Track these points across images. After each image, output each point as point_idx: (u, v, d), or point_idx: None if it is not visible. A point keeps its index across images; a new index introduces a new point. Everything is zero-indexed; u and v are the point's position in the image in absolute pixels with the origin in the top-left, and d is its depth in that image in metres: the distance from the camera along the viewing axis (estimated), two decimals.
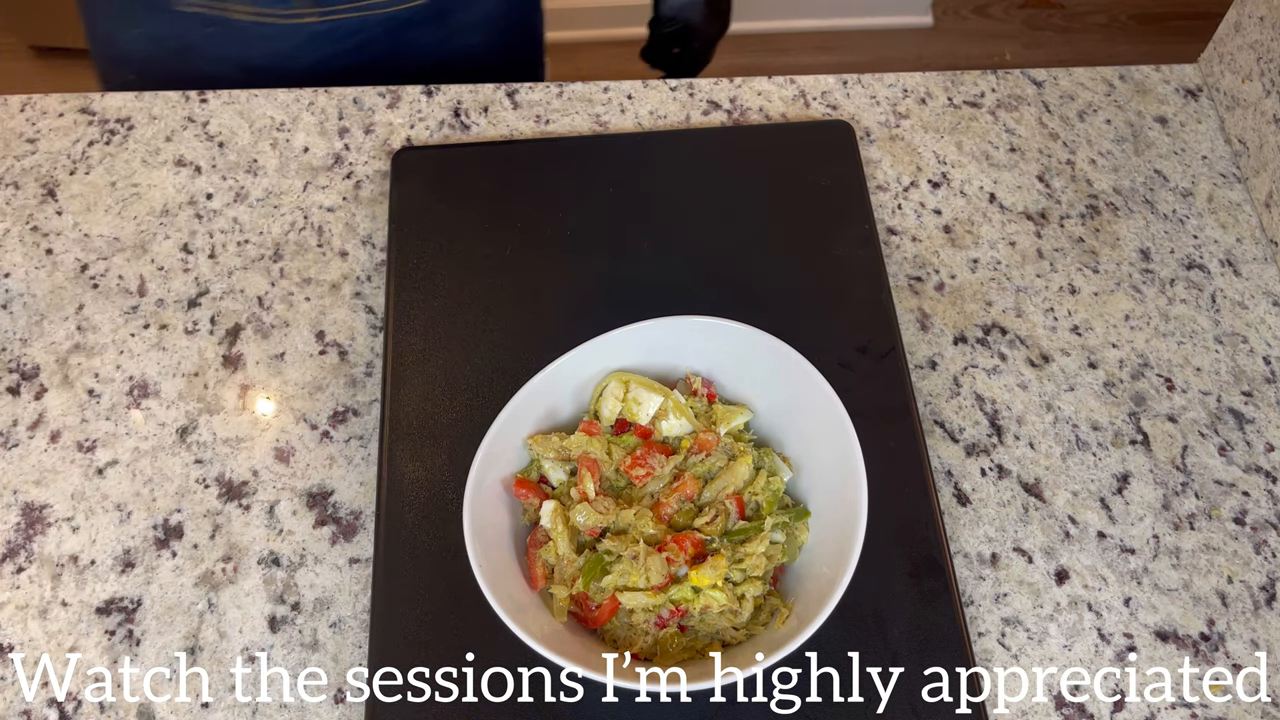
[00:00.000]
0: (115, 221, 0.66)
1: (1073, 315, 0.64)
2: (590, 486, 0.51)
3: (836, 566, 0.47)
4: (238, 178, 0.68)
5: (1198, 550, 0.56)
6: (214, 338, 0.62)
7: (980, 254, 0.66)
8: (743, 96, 0.72)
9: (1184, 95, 0.73)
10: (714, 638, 0.50)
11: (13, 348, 0.61)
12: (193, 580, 0.54)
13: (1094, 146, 0.70)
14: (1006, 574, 0.55)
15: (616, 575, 0.48)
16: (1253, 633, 0.54)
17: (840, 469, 0.50)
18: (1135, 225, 0.67)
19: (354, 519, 0.56)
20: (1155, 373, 0.62)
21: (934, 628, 0.52)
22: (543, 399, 0.53)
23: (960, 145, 0.70)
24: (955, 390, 0.61)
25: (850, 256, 0.64)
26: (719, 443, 0.52)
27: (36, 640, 0.53)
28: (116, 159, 0.69)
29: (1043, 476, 0.58)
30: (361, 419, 0.59)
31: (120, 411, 0.59)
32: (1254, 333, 0.63)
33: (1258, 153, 0.68)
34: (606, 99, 0.72)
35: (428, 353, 0.59)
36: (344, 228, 0.66)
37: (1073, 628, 0.54)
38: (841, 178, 0.67)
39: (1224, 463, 0.59)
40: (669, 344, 0.54)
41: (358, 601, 0.54)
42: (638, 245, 0.64)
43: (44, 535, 0.56)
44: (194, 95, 0.72)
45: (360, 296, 0.63)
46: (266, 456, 0.58)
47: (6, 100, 0.71)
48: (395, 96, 0.72)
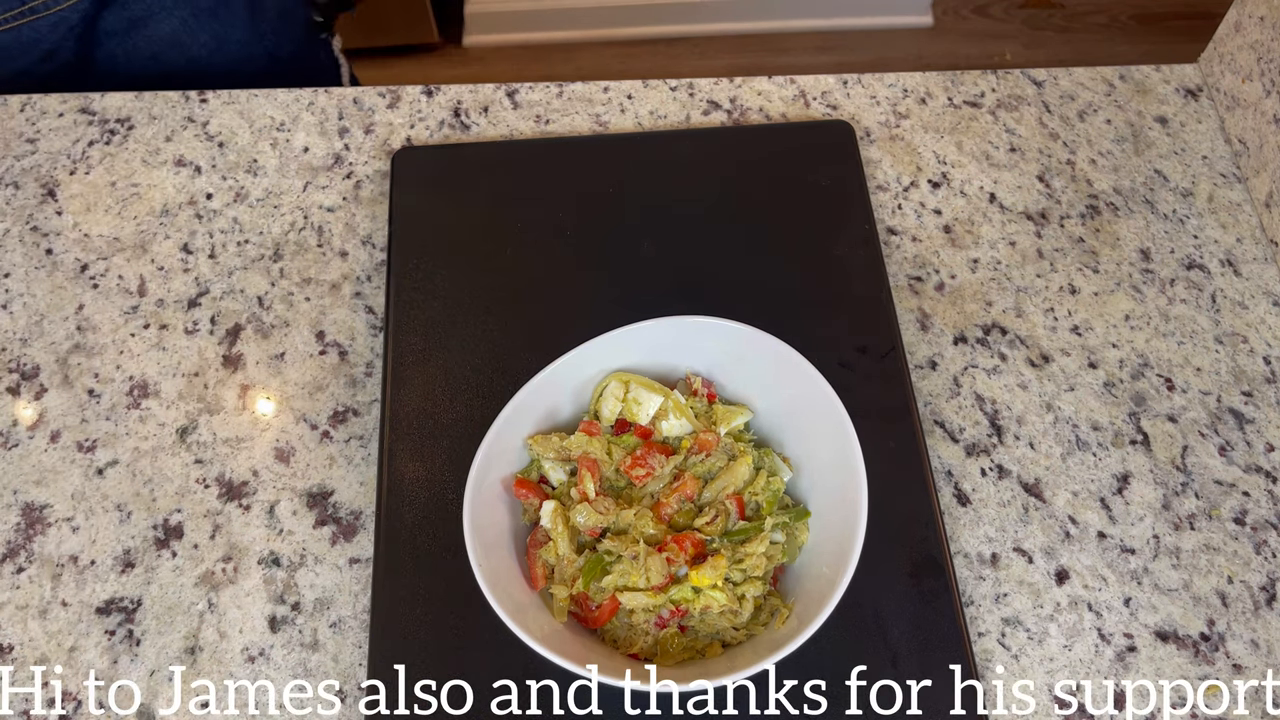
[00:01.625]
0: (115, 221, 0.66)
1: (1073, 315, 0.64)
2: (590, 486, 0.51)
3: (836, 566, 0.47)
4: (238, 178, 0.68)
5: (1198, 550, 0.56)
6: (214, 338, 0.62)
7: (980, 254, 0.66)
8: (743, 96, 0.72)
9: (1184, 95, 0.73)
10: (714, 638, 0.50)
11: (13, 348, 0.61)
12: (193, 580, 0.54)
13: (1094, 146, 0.70)
14: (1006, 574, 0.55)
15: (616, 575, 0.48)
16: (1253, 633, 0.54)
17: (840, 469, 0.50)
18: (1135, 225, 0.67)
19: (354, 519, 0.56)
20: (1155, 373, 0.62)
21: (934, 628, 0.52)
22: (543, 399, 0.53)
23: (960, 145, 0.70)
24: (955, 390, 0.61)
25: (850, 256, 0.64)
26: (719, 443, 0.52)
27: (36, 640, 0.53)
28: (116, 159, 0.69)
29: (1043, 476, 0.58)
30: (361, 419, 0.59)
31: (120, 411, 0.59)
32: (1254, 333, 0.63)
33: (1258, 153, 0.68)
34: (606, 99, 0.72)
35: (428, 353, 0.59)
36: (344, 228, 0.66)
37: (1073, 628, 0.54)
38: (841, 178, 0.67)
39: (1224, 463, 0.59)
40: (669, 344, 0.54)
41: (358, 601, 0.54)
42: (638, 245, 0.64)
43: (44, 535, 0.56)
44: (194, 95, 0.72)
45: (360, 296, 0.63)
46: (266, 456, 0.58)
47: (6, 100, 0.71)
48: (395, 96, 0.72)
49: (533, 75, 1.85)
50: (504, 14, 1.87)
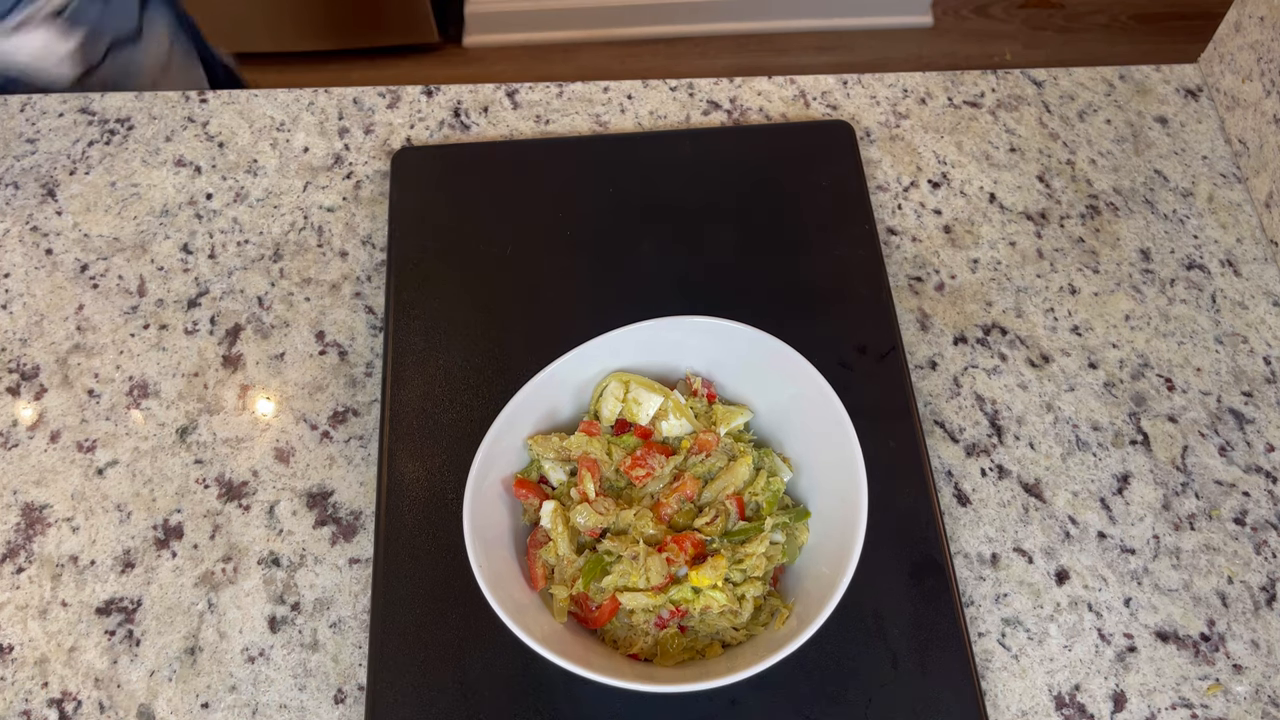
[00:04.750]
0: (115, 221, 0.66)
1: (1073, 315, 0.64)
2: (590, 487, 0.51)
3: (836, 566, 0.47)
4: (238, 178, 0.68)
5: (1198, 550, 0.56)
6: (214, 338, 0.62)
7: (980, 254, 0.66)
8: (743, 96, 0.72)
9: (1184, 95, 0.73)
10: (714, 638, 0.50)
11: (13, 348, 0.61)
12: (193, 580, 0.54)
13: (1094, 146, 0.70)
14: (1007, 574, 0.55)
15: (616, 575, 0.48)
16: (1253, 633, 0.54)
17: (840, 469, 0.50)
18: (1135, 225, 0.67)
19: (354, 519, 0.56)
20: (1155, 373, 0.62)
21: (934, 628, 0.52)
22: (543, 399, 0.53)
23: (960, 145, 0.70)
24: (955, 390, 0.61)
25: (850, 256, 0.64)
26: (719, 443, 0.52)
27: (36, 640, 0.53)
28: (116, 159, 0.69)
29: (1043, 477, 0.58)
30: (361, 419, 0.59)
31: (120, 411, 0.59)
32: (1254, 333, 0.63)
33: (1258, 153, 0.68)
34: (606, 99, 0.72)
35: (428, 353, 0.59)
36: (344, 228, 0.66)
37: (1073, 628, 0.54)
38: (841, 178, 0.67)
39: (1224, 463, 0.59)
40: (669, 344, 0.54)
41: (358, 601, 0.54)
42: (637, 245, 0.64)
43: (44, 535, 0.56)
44: (194, 95, 0.72)
45: (360, 296, 0.63)
46: (266, 456, 0.58)
47: (6, 100, 0.71)
48: (395, 96, 0.72)
49: (533, 75, 1.85)
50: (504, 14, 1.87)
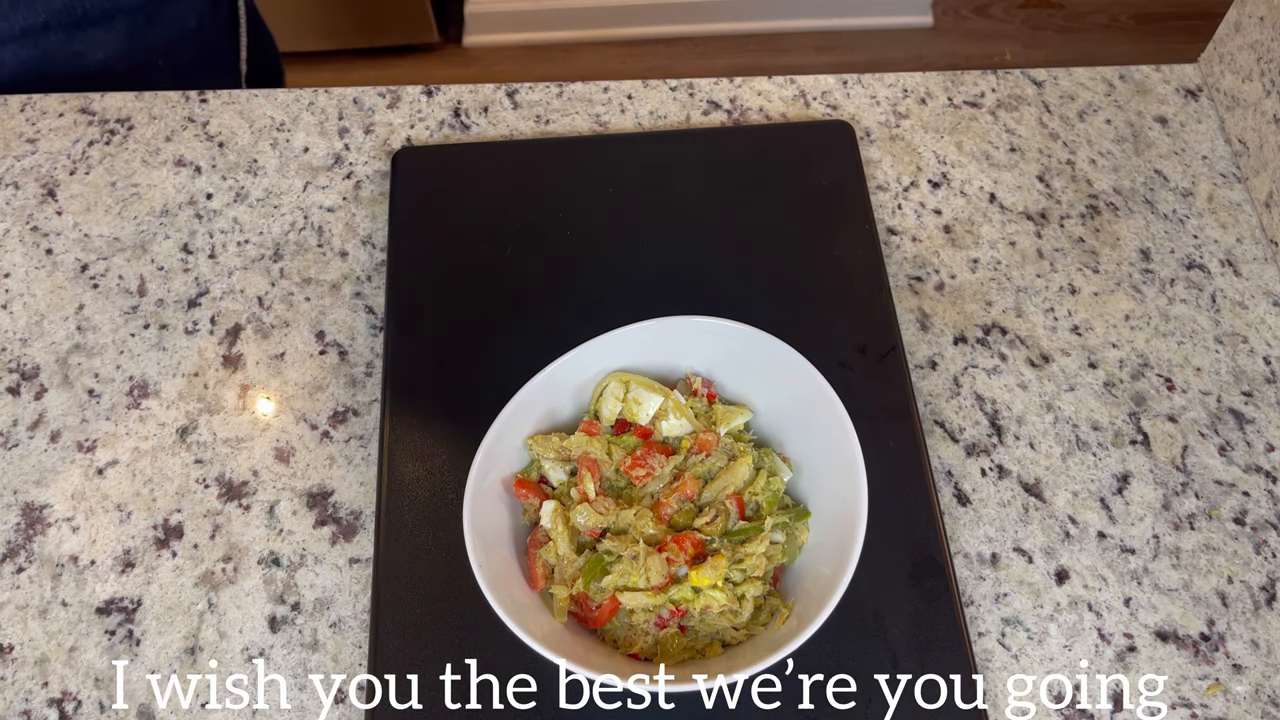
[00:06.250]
0: (115, 221, 0.66)
1: (1073, 315, 0.64)
2: (590, 487, 0.51)
3: (836, 566, 0.47)
4: (238, 178, 0.68)
5: (1198, 550, 0.56)
6: (214, 338, 0.62)
7: (980, 254, 0.66)
8: (743, 96, 0.72)
9: (1184, 95, 0.73)
10: (714, 638, 0.50)
11: (13, 348, 0.61)
12: (193, 580, 0.54)
13: (1094, 146, 0.70)
14: (1006, 574, 0.55)
15: (616, 575, 0.48)
16: (1253, 633, 0.54)
17: (840, 469, 0.50)
18: (1135, 225, 0.67)
19: (354, 519, 0.56)
20: (1155, 373, 0.62)
21: (934, 628, 0.52)
22: (543, 399, 0.53)
23: (960, 145, 0.70)
24: (955, 390, 0.61)
25: (850, 256, 0.64)
26: (719, 443, 0.52)
27: (36, 640, 0.53)
28: (116, 159, 0.69)
29: (1043, 476, 0.58)
30: (361, 419, 0.59)
31: (120, 411, 0.59)
32: (1254, 333, 0.63)
33: (1258, 153, 0.68)
34: (606, 99, 0.72)
35: (428, 353, 0.59)
36: (344, 228, 0.66)
37: (1073, 628, 0.54)
38: (841, 178, 0.67)
39: (1224, 463, 0.59)
40: (669, 344, 0.54)
41: (358, 601, 0.54)
42: (637, 245, 0.64)
43: (44, 535, 0.56)
44: (194, 95, 0.72)
45: (360, 296, 0.63)
46: (266, 456, 0.58)
47: (6, 100, 0.71)
48: (395, 96, 0.72)
49: (533, 75, 1.85)
50: (504, 14, 1.87)
